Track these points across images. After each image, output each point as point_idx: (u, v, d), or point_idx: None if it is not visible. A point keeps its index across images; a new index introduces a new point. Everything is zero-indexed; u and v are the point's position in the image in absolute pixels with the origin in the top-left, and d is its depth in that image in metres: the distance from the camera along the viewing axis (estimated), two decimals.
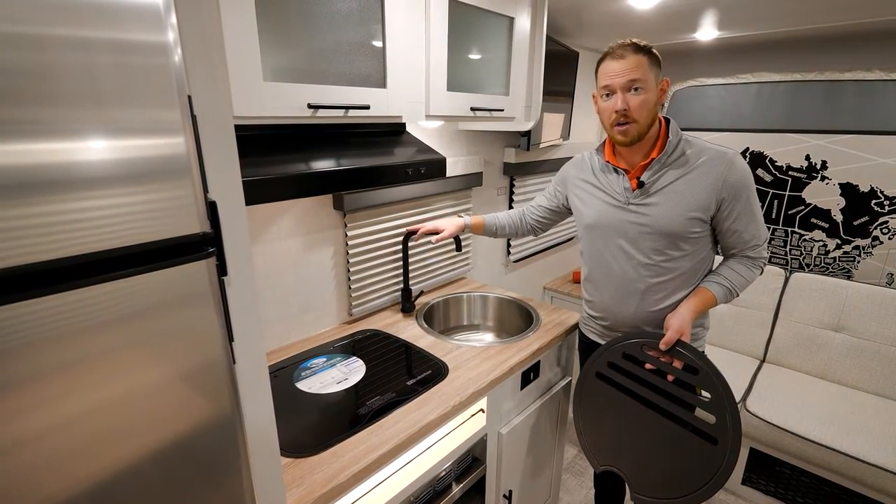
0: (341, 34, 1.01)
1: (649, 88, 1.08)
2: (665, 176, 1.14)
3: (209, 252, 0.53)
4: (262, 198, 0.91)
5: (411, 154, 1.23)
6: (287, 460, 0.91)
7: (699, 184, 1.11)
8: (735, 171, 1.10)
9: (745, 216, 1.13)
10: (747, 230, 1.15)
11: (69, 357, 0.45)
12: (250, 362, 0.63)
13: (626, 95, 1.08)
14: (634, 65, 1.06)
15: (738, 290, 1.18)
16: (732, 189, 1.10)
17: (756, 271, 1.20)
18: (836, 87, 1.97)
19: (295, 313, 1.40)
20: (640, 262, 1.19)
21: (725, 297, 1.18)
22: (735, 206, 1.12)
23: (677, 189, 1.13)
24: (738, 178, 1.10)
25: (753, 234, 1.15)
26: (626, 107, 1.08)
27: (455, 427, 1.16)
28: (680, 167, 1.13)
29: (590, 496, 1.93)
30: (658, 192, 1.15)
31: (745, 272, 1.18)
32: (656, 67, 1.09)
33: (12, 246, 0.40)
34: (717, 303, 1.18)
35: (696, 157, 1.13)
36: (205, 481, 0.58)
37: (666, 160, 1.14)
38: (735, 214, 1.12)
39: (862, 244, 2.00)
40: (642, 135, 1.12)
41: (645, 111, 1.09)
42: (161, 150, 0.47)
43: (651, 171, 1.15)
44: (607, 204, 1.22)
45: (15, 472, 0.43)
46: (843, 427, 1.68)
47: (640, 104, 1.08)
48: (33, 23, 0.39)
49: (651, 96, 1.09)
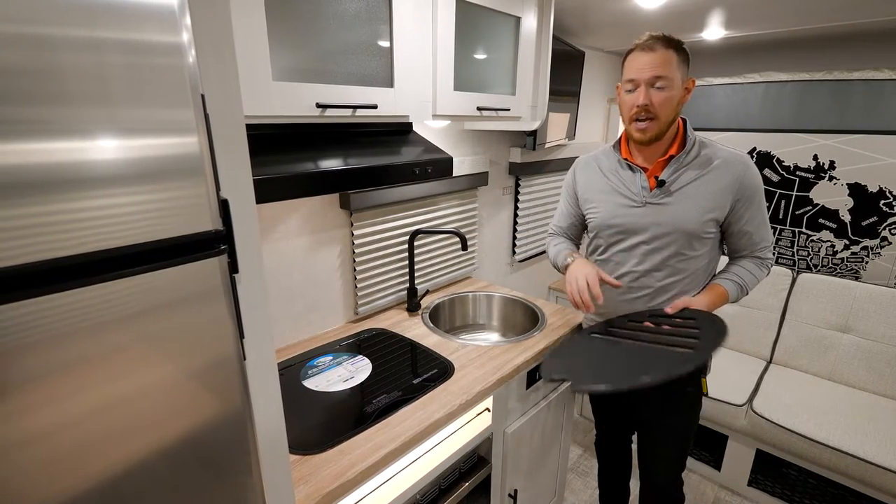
0: (349, 34, 1.01)
1: (674, 86, 1.05)
2: (683, 176, 1.13)
3: (221, 249, 0.53)
4: (270, 197, 0.91)
5: (418, 153, 1.24)
6: (295, 457, 0.91)
7: (716, 185, 1.11)
8: (750, 173, 1.12)
9: (756, 218, 1.15)
10: (758, 232, 1.16)
11: (82, 353, 0.45)
12: (260, 359, 0.63)
13: (650, 91, 1.05)
14: (662, 60, 1.03)
15: (749, 287, 1.19)
16: (747, 191, 1.11)
17: (764, 271, 1.21)
18: (844, 86, 1.96)
19: (301, 312, 1.41)
20: (654, 261, 1.18)
21: (737, 294, 1.18)
22: (749, 209, 1.13)
23: (695, 189, 1.13)
24: (752, 181, 1.12)
25: (763, 237, 1.18)
26: (649, 102, 1.05)
27: (461, 426, 1.16)
28: (697, 167, 1.13)
29: (594, 496, 1.92)
30: (676, 192, 1.13)
31: (756, 270, 1.19)
32: (684, 65, 1.08)
33: (30, 243, 0.41)
34: (730, 300, 1.18)
35: (713, 157, 1.13)
36: (215, 478, 0.59)
37: (684, 159, 1.14)
38: (748, 216, 1.14)
39: (870, 245, 1.99)
40: (661, 134, 1.10)
41: (667, 109, 1.06)
42: (176, 149, 0.48)
43: (670, 170, 1.13)
44: (621, 203, 1.20)
45: (28, 467, 0.44)
46: (851, 428, 1.67)
47: (663, 101, 1.05)
48: (58, 25, 0.40)
49: (675, 94, 1.06)
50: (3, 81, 0.38)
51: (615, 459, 1.58)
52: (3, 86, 0.38)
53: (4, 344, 0.41)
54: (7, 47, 0.38)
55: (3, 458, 0.42)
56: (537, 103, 1.64)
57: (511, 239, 2.25)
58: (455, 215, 1.84)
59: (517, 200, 2.19)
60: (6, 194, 0.39)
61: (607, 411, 1.51)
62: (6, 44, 0.38)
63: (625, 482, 1.62)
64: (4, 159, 0.39)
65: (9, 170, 0.39)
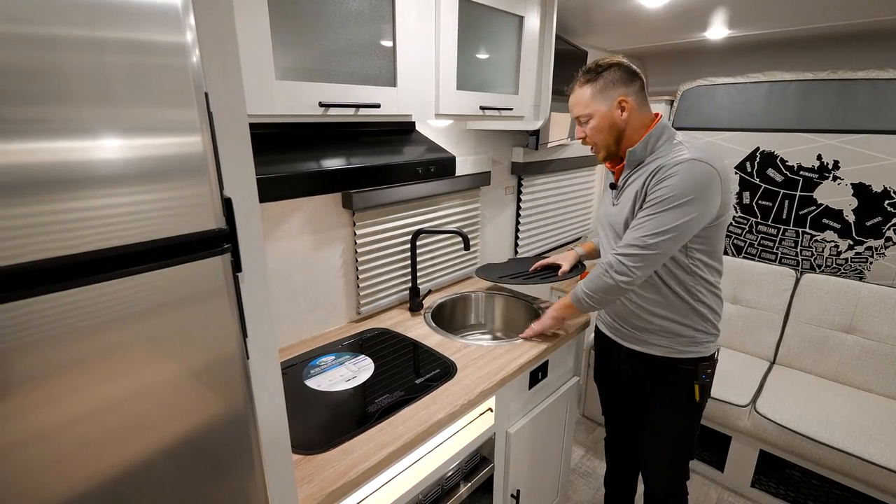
0: (352, 33, 1.01)
1: (598, 116, 1.15)
2: (630, 179, 1.18)
3: (225, 248, 0.53)
4: (273, 196, 0.92)
5: (421, 152, 1.24)
6: (297, 457, 0.91)
7: (636, 186, 1.14)
8: (663, 175, 1.07)
9: (641, 219, 1.10)
10: (630, 232, 1.11)
11: (87, 352, 0.45)
12: (263, 358, 0.63)
13: (580, 126, 1.20)
14: (574, 101, 1.18)
15: (582, 295, 1.22)
16: (651, 192, 1.09)
17: (605, 278, 1.15)
18: (848, 85, 1.95)
19: (303, 311, 1.41)
20: None
21: (577, 301, 1.24)
22: (645, 208, 1.10)
23: (629, 191, 1.17)
24: (659, 182, 1.07)
25: (629, 236, 1.11)
26: (583, 135, 1.20)
27: (463, 426, 1.16)
28: (640, 169, 1.15)
29: (597, 497, 1.92)
30: (622, 195, 1.20)
31: (595, 275, 1.18)
32: (608, 90, 1.13)
33: (34, 242, 0.41)
34: (574, 306, 1.26)
35: (656, 159, 1.12)
36: (218, 477, 0.59)
37: (632, 163, 1.17)
38: (640, 215, 1.10)
39: (874, 245, 1.98)
40: (611, 153, 1.19)
41: (600, 136, 1.17)
42: (180, 149, 0.48)
43: (623, 175, 1.20)
44: (605, 202, 1.30)
45: (30, 466, 0.44)
46: (855, 429, 1.66)
47: (593, 132, 1.17)
48: (64, 25, 0.40)
49: (602, 122, 1.15)
50: (8, 81, 0.38)
51: (620, 460, 1.57)
52: (9, 86, 0.38)
53: (12, 342, 0.41)
54: (17, 47, 0.38)
55: (5, 458, 0.42)
56: (540, 103, 1.64)
57: (513, 239, 2.25)
58: (457, 215, 1.84)
59: (519, 200, 2.19)
60: (10, 193, 0.39)
61: (613, 412, 1.51)
62: (11, 44, 0.38)
63: (630, 484, 1.62)
64: (9, 158, 0.39)
65: (13, 169, 0.39)
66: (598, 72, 1.13)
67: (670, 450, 1.31)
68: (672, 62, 2.62)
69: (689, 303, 1.17)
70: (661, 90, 2.79)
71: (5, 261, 0.40)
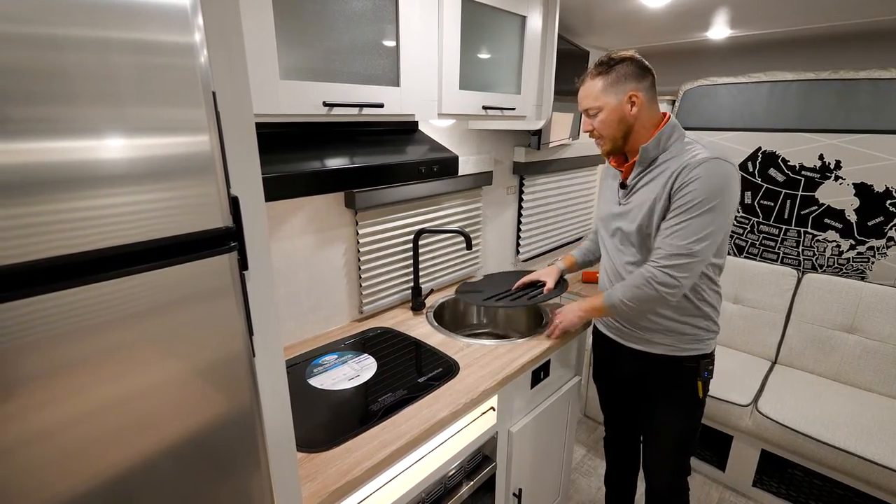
0: (356, 33, 1.01)
1: (607, 109, 1.13)
2: (641, 179, 1.16)
3: (231, 246, 0.54)
4: (278, 195, 0.92)
5: (424, 152, 1.24)
6: (301, 455, 0.92)
7: (655, 186, 1.11)
8: (685, 177, 1.05)
9: (671, 225, 1.07)
10: (664, 240, 1.08)
11: (93, 350, 0.46)
12: (269, 356, 0.64)
13: (589, 119, 1.17)
14: (584, 94, 1.16)
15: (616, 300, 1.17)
16: (676, 194, 1.06)
17: (645, 288, 1.11)
18: (850, 85, 1.95)
19: (306, 310, 1.41)
20: (624, 258, 1.22)
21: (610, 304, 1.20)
22: (673, 212, 1.07)
23: (643, 192, 1.14)
24: (684, 184, 1.05)
25: (663, 244, 1.09)
26: (590, 128, 1.17)
27: (466, 425, 1.17)
28: (652, 170, 1.14)
29: (598, 496, 1.92)
30: (634, 195, 1.17)
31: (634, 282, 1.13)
32: (619, 84, 1.11)
33: (39, 241, 0.41)
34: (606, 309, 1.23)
35: (670, 158, 1.10)
36: (224, 475, 0.59)
37: (641, 163, 1.15)
38: (669, 220, 1.08)
39: (876, 245, 1.98)
40: (617, 147, 1.18)
41: (608, 129, 1.15)
42: (188, 148, 0.48)
43: (633, 174, 1.18)
44: (609, 202, 1.27)
45: (33, 466, 0.44)
46: (857, 429, 1.67)
47: (601, 125, 1.15)
48: (73, 26, 0.40)
49: (611, 115, 1.13)
50: (13, 81, 0.38)
51: (621, 459, 1.58)
52: (14, 85, 0.38)
53: (17, 340, 0.41)
54: (24, 47, 0.38)
55: (8, 457, 0.42)
56: (542, 102, 1.64)
57: (515, 238, 2.25)
58: (459, 214, 1.84)
59: (521, 200, 2.19)
60: (17, 192, 0.39)
61: (613, 411, 1.52)
62: (17, 44, 0.38)
63: (631, 482, 1.62)
64: (15, 158, 0.39)
65: (20, 168, 0.39)
66: (611, 65, 1.11)
67: (673, 447, 1.32)
68: (674, 62, 2.62)
69: (693, 301, 1.18)
70: (663, 90, 2.76)
71: (11, 259, 0.40)
